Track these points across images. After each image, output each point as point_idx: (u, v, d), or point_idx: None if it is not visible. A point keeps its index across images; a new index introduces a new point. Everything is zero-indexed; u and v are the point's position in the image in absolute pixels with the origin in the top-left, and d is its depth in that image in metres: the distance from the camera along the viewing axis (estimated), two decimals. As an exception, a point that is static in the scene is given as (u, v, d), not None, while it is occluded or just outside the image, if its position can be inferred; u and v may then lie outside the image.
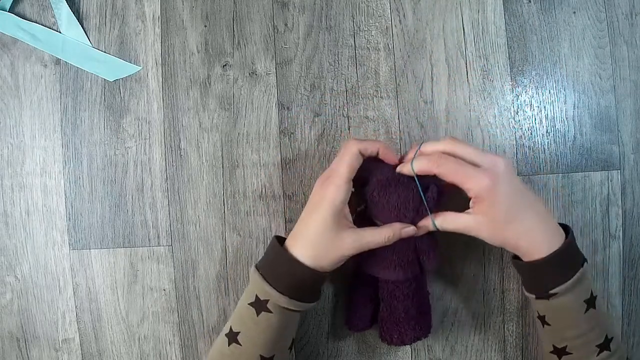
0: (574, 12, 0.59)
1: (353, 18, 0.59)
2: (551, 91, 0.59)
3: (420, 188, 0.46)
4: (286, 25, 0.59)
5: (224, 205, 0.59)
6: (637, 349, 0.59)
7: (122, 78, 0.59)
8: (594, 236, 0.58)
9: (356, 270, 0.54)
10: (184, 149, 0.59)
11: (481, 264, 0.58)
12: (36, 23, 0.59)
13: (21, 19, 0.59)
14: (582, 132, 0.59)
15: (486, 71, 0.59)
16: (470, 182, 0.44)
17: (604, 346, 0.46)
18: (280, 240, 0.49)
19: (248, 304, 0.47)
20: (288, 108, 0.59)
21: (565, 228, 0.47)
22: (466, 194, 0.46)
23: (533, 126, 0.59)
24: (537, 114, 0.59)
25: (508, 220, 0.45)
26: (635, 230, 0.58)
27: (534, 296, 0.47)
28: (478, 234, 0.46)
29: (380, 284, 0.52)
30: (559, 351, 0.47)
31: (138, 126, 0.59)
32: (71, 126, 0.59)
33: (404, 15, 0.59)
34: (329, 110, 0.59)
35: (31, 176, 0.59)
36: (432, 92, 0.59)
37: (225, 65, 0.59)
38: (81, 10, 0.59)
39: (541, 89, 0.59)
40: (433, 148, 0.47)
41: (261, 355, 0.47)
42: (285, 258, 0.46)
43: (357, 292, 0.55)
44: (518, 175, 0.58)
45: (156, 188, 0.59)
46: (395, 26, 0.59)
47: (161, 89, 0.59)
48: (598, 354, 0.46)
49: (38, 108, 0.59)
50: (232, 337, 0.47)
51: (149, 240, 0.59)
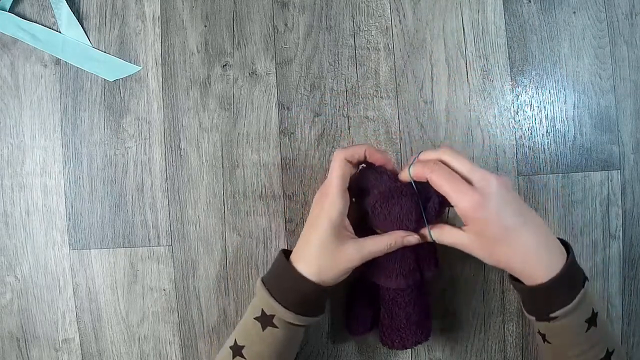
0: (574, 12, 0.59)
1: (353, 18, 0.59)
2: (551, 91, 0.59)
3: (419, 198, 0.46)
4: (286, 25, 0.59)
5: (224, 205, 0.59)
6: (637, 349, 0.59)
7: (122, 78, 0.59)
8: (594, 236, 0.58)
9: (357, 276, 0.54)
10: (184, 149, 0.59)
11: (481, 264, 0.58)
12: (36, 23, 0.59)
13: (21, 19, 0.59)
14: (582, 132, 0.59)
15: (486, 71, 0.59)
16: (457, 198, 0.43)
17: None
18: (286, 253, 0.49)
19: (254, 318, 0.47)
20: (288, 108, 0.59)
21: (564, 244, 0.46)
22: None
23: (533, 126, 0.59)
24: (537, 114, 0.59)
25: (497, 241, 0.43)
26: (635, 230, 0.58)
27: (534, 318, 0.46)
28: (472, 252, 0.45)
29: (381, 291, 0.52)
30: None
31: (138, 126, 0.59)
32: (71, 126, 0.59)
33: (404, 15, 0.59)
34: (329, 110, 0.59)
35: (31, 176, 0.59)
36: (432, 92, 0.59)
37: (225, 65, 0.59)
38: (81, 10, 0.59)
39: (541, 89, 0.59)
40: (430, 156, 0.46)
41: None
42: (290, 273, 0.46)
43: (358, 297, 0.55)
44: (518, 176, 0.58)
45: (156, 188, 0.59)
46: (395, 26, 0.59)
47: (161, 89, 0.59)
48: None
49: (38, 108, 0.59)
50: (237, 351, 0.47)
51: (149, 240, 0.59)
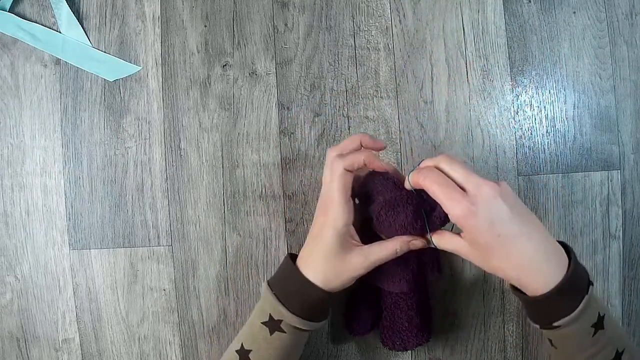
0: (574, 12, 0.59)
1: (353, 18, 0.59)
2: (551, 91, 0.59)
3: (425, 206, 0.45)
4: (286, 25, 0.59)
5: (224, 205, 0.59)
6: (637, 349, 0.59)
7: (122, 78, 0.59)
8: (594, 236, 0.58)
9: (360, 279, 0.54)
10: (184, 149, 0.59)
11: (481, 264, 0.58)
12: (36, 23, 0.59)
13: (21, 19, 0.59)
14: (582, 132, 0.59)
15: (486, 71, 0.59)
16: (449, 205, 0.42)
17: None
18: (293, 257, 0.48)
19: (261, 323, 0.47)
20: (288, 108, 0.59)
21: (566, 248, 0.44)
22: None
23: (533, 126, 0.59)
24: (537, 114, 0.59)
25: (491, 250, 0.42)
26: (635, 230, 0.58)
27: (538, 326, 0.45)
28: (470, 260, 0.45)
29: (383, 293, 0.52)
30: None
31: (138, 126, 0.59)
32: (71, 126, 0.59)
33: (404, 15, 0.59)
34: (329, 110, 0.59)
35: (31, 176, 0.59)
36: (432, 92, 0.59)
37: (225, 65, 0.59)
38: (81, 10, 0.59)
39: (541, 89, 0.59)
40: (428, 163, 0.45)
41: None
42: (297, 278, 0.46)
43: (359, 298, 0.55)
44: (518, 176, 0.58)
45: (156, 188, 0.59)
46: (395, 26, 0.59)
47: (161, 89, 0.59)
48: None
49: (38, 108, 0.59)
50: (244, 355, 0.47)
51: (149, 240, 0.59)
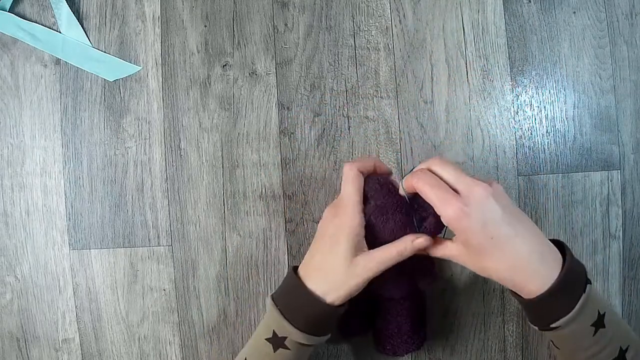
0: (574, 12, 0.59)
1: (353, 18, 0.59)
2: (551, 91, 0.59)
3: (416, 213, 0.45)
4: (286, 25, 0.59)
5: (224, 205, 0.59)
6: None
7: (122, 78, 0.59)
8: (594, 236, 0.58)
9: None
10: (184, 149, 0.59)
11: (481, 264, 0.58)
12: (36, 23, 0.59)
13: (21, 19, 0.59)
14: (582, 132, 0.59)
15: (486, 71, 0.59)
16: (441, 207, 0.41)
17: (620, 359, 0.44)
18: (297, 270, 0.48)
19: (265, 339, 0.47)
20: (288, 108, 0.59)
21: (561, 247, 0.44)
22: None
23: (533, 126, 0.59)
24: (537, 114, 0.59)
25: (484, 252, 0.42)
26: (635, 230, 0.58)
27: (537, 328, 0.45)
28: (463, 264, 0.44)
29: (376, 297, 0.52)
30: None
31: (138, 126, 0.59)
32: (71, 126, 0.59)
33: (404, 15, 0.59)
34: (329, 110, 0.59)
35: (31, 176, 0.59)
36: (432, 92, 0.59)
37: (225, 65, 0.59)
38: (81, 10, 0.59)
39: (541, 89, 0.59)
40: (421, 166, 0.45)
41: None
42: (302, 292, 0.46)
43: (352, 300, 0.54)
44: (518, 176, 0.58)
45: (156, 188, 0.59)
46: (395, 26, 0.59)
47: (161, 89, 0.59)
48: None
49: (38, 108, 0.59)
50: None
51: (149, 240, 0.59)
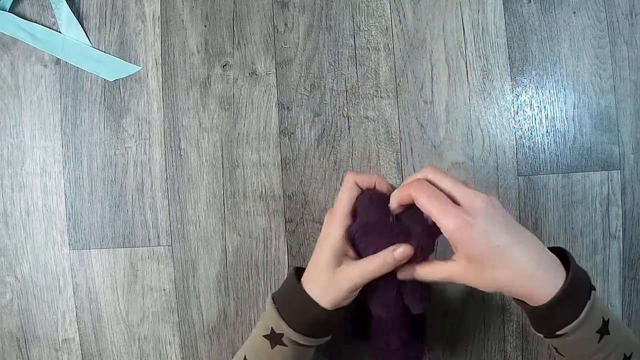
0: (574, 12, 0.59)
1: (353, 18, 0.59)
2: (551, 91, 0.59)
3: (395, 234, 0.44)
4: (286, 25, 0.59)
5: (224, 205, 0.59)
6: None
7: (122, 78, 0.59)
8: (594, 236, 0.58)
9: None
10: (184, 149, 0.59)
11: (481, 264, 0.58)
12: (36, 23, 0.59)
13: (21, 19, 0.59)
14: (582, 132, 0.59)
15: (486, 71, 0.59)
16: (442, 218, 0.40)
17: None
18: (299, 272, 0.48)
19: (263, 336, 0.46)
20: (288, 108, 0.59)
21: (562, 254, 0.43)
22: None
23: (533, 126, 0.59)
24: (537, 114, 0.59)
25: (488, 263, 0.41)
26: (635, 230, 0.58)
27: (542, 335, 0.45)
28: (465, 281, 0.42)
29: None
30: None
31: (138, 126, 0.59)
32: (71, 126, 0.59)
33: (404, 15, 0.59)
34: (329, 110, 0.59)
35: (31, 176, 0.59)
36: (432, 92, 0.59)
37: (225, 65, 0.59)
38: (81, 10, 0.59)
39: (541, 89, 0.59)
40: (415, 176, 0.44)
41: None
42: (299, 295, 0.46)
43: (351, 308, 0.54)
44: (518, 176, 0.58)
45: (156, 188, 0.59)
46: (395, 26, 0.59)
47: (161, 89, 0.59)
48: None
49: (38, 108, 0.59)
50: None
51: (149, 240, 0.59)
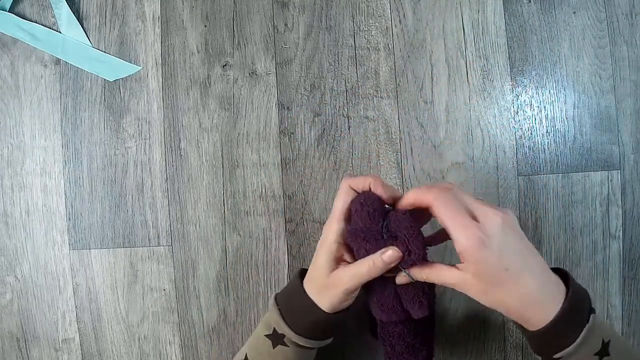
0: (574, 12, 0.59)
1: (353, 18, 0.59)
2: (551, 91, 0.59)
3: (384, 240, 0.43)
4: (286, 25, 0.59)
5: (224, 205, 0.59)
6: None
7: (122, 78, 0.59)
8: (594, 236, 0.58)
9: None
10: (184, 149, 0.59)
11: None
12: (36, 23, 0.59)
13: (21, 19, 0.59)
14: (582, 132, 0.59)
15: (486, 71, 0.59)
16: (458, 233, 0.39)
17: None
18: (304, 273, 0.48)
19: (265, 335, 0.47)
20: (288, 108, 0.59)
21: (564, 275, 0.43)
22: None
23: (533, 126, 0.59)
24: (537, 114, 0.59)
25: (495, 283, 0.40)
26: (635, 230, 0.58)
27: (541, 358, 0.44)
28: (467, 293, 0.42)
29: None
30: None
31: (138, 126, 0.59)
32: (71, 126, 0.59)
33: (404, 15, 0.59)
34: (329, 110, 0.59)
35: (31, 176, 0.59)
36: (432, 92, 0.59)
37: (225, 65, 0.59)
38: (81, 10, 0.59)
39: (541, 89, 0.59)
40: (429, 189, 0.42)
41: None
42: (301, 297, 0.46)
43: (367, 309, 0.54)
44: (518, 176, 0.58)
45: (156, 188, 0.59)
46: (395, 26, 0.59)
47: (161, 89, 0.59)
48: None
49: (38, 108, 0.59)
50: None
51: (149, 240, 0.59)
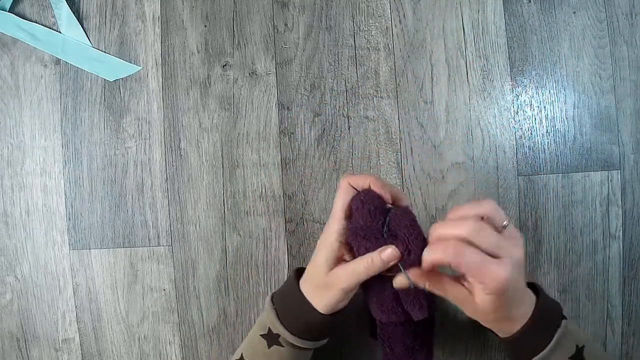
0: (574, 12, 0.59)
1: (353, 18, 0.59)
2: (551, 91, 0.59)
3: (383, 239, 0.44)
4: (286, 25, 0.59)
5: (224, 205, 0.59)
6: (637, 349, 0.59)
7: (122, 78, 0.59)
8: (594, 236, 0.58)
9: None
10: (184, 149, 0.59)
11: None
12: (36, 23, 0.59)
13: (21, 19, 0.59)
14: (582, 132, 0.59)
15: (486, 71, 0.59)
16: (487, 277, 0.38)
17: None
18: (300, 273, 0.48)
19: (260, 335, 0.47)
20: (288, 108, 0.59)
21: (533, 286, 0.44)
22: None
23: (533, 126, 0.59)
24: (537, 114, 0.59)
25: (496, 309, 0.40)
26: (635, 230, 0.58)
27: None
28: (466, 312, 0.42)
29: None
30: None
31: (138, 126, 0.59)
32: (71, 126, 0.59)
33: (404, 15, 0.59)
34: (329, 110, 0.59)
35: (31, 176, 0.59)
36: (432, 92, 0.59)
37: (225, 65, 0.59)
38: (81, 10, 0.59)
39: (541, 89, 0.59)
40: (449, 232, 0.39)
41: None
42: (297, 296, 0.46)
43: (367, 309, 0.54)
44: (518, 176, 0.58)
45: (156, 188, 0.59)
46: (395, 26, 0.59)
47: (161, 89, 0.59)
48: None
49: (38, 108, 0.59)
50: None
51: (149, 240, 0.59)
